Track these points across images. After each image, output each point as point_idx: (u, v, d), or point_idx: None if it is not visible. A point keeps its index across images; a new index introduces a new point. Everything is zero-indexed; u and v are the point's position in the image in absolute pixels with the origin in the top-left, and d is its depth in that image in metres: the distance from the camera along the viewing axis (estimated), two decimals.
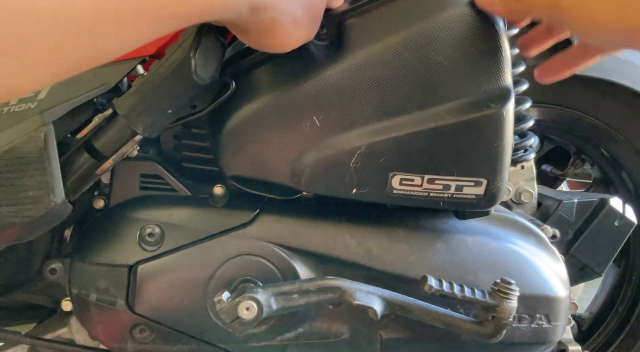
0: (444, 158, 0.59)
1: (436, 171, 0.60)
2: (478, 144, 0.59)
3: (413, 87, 0.57)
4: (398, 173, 0.60)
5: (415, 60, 0.56)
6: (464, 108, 0.57)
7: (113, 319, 0.66)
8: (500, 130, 0.58)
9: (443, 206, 0.62)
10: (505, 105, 0.58)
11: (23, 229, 0.57)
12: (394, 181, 0.60)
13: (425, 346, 0.70)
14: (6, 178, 0.55)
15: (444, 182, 0.60)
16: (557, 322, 0.71)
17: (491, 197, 0.62)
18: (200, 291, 0.65)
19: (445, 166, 0.60)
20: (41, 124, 0.55)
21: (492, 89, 0.57)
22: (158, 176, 0.69)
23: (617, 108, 0.91)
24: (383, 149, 0.58)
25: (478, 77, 0.57)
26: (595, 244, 0.85)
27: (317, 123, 0.58)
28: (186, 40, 0.55)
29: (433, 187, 0.60)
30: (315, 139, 0.59)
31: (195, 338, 0.67)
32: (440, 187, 0.61)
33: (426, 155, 0.59)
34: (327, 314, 0.68)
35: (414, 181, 0.60)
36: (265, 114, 0.58)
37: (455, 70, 0.57)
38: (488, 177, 0.60)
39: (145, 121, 0.57)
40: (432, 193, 0.61)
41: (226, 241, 0.66)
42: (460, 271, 0.68)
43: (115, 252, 0.65)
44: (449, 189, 0.61)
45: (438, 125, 0.57)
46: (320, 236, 0.68)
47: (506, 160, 0.60)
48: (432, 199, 0.62)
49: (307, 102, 0.58)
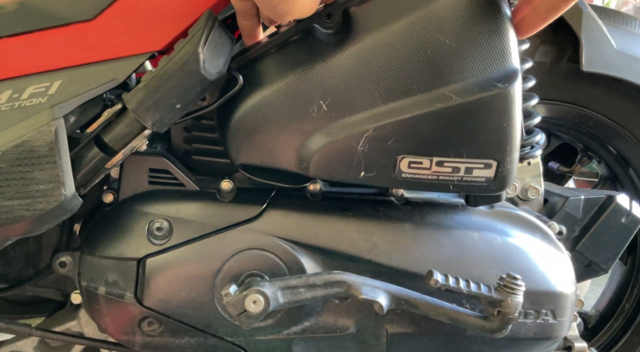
0: (453, 140, 0.59)
1: (445, 153, 0.59)
2: (486, 125, 0.58)
3: (420, 69, 0.57)
4: (406, 156, 0.59)
5: (421, 42, 0.56)
6: (471, 88, 0.57)
7: (122, 311, 0.67)
8: (509, 110, 0.58)
9: (452, 190, 0.62)
10: (513, 84, 0.57)
11: (33, 222, 0.58)
12: (402, 164, 0.60)
13: (431, 340, 0.70)
14: (17, 172, 0.56)
15: (453, 164, 0.60)
16: (563, 318, 0.71)
17: (502, 180, 0.61)
18: (208, 284, 0.66)
19: (454, 148, 0.59)
20: (52, 119, 0.56)
21: (499, 69, 0.57)
22: (166, 170, 0.69)
23: (624, 105, 0.91)
24: (391, 132, 0.58)
25: (484, 57, 0.57)
26: (602, 241, 0.85)
27: (324, 107, 0.58)
28: (194, 35, 0.56)
29: (442, 170, 0.60)
30: (322, 124, 0.59)
31: (203, 331, 0.68)
32: (450, 169, 0.60)
33: (434, 137, 0.59)
34: (333, 309, 0.69)
35: (422, 164, 0.60)
36: (272, 101, 0.59)
37: (461, 51, 0.57)
38: (498, 158, 0.60)
39: (154, 116, 0.58)
40: (441, 176, 0.61)
41: (233, 235, 0.67)
42: (466, 266, 0.68)
43: (124, 246, 0.66)
44: (458, 172, 0.60)
45: (445, 106, 0.57)
46: (327, 230, 0.68)
47: (516, 141, 0.60)
48: (441, 183, 0.61)
49: (314, 88, 0.58)
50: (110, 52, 0.58)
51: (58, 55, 0.58)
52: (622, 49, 0.85)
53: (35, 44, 0.58)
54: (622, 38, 0.86)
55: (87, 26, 0.58)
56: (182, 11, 0.59)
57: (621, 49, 0.85)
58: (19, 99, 0.56)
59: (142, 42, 0.59)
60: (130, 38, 0.58)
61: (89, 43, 0.58)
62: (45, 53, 0.58)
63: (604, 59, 0.85)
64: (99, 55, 0.58)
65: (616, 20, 0.88)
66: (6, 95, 0.56)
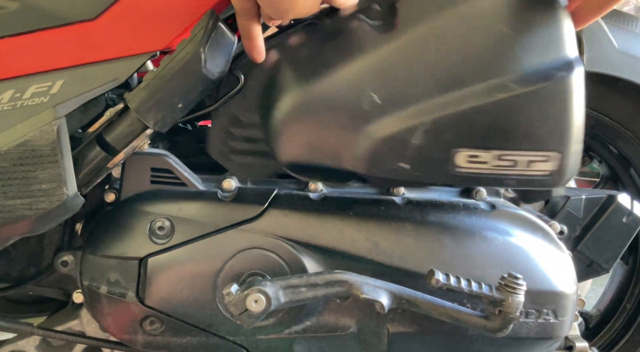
0: (513, 131, 0.56)
1: (505, 146, 0.57)
2: (548, 115, 0.56)
3: (477, 59, 0.55)
4: (463, 149, 0.56)
5: (478, 31, 0.55)
6: (531, 78, 0.55)
7: (123, 311, 0.67)
8: (570, 99, 0.56)
9: (510, 184, 0.59)
10: (573, 73, 0.56)
11: (36, 222, 0.58)
12: (458, 158, 0.57)
13: (432, 340, 0.70)
14: (19, 171, 0.56)
15: (513, 157, 0.57)
16: (564, 318, 0.71)
17: (563, 174, 0.59)
18: (210, 283, 0.66)
19: (515, 140, 0.57)
20: (54, 118, 0.56)
21: (558, 57, 0.56)
22: (168, 170, 0.69)
23: (625, 104, 0.91)
24: (447, 124, 0.56)
25: (542, 46, 0.56)
26: (603, 241, 0.85)
27: (376, 100, 0.56)
28: (196, 35, 0.56)
29: (501, 163, 0.57)
30: (373, 117, 0.56)
31: (204, 330, 0.68)
32: (509, 163, 0.57)
33: (494, 129, 0.56)
34: (335, 308, 0.69)
35: (480, 158, 0.57)
36: (320, 96, 0.57)
37: (519, 40, 0.55)
38: (560, 150, 0.57)
39: (156, 115, 0.58)
40: (500, 170, 0.58)
41: (235, 235, 0.67)
42: (468, 266, 0.68)
43: (125, 245, 0.66)
44: (518, 166, 0.57)
45: (505, 96, 0.55)
46: (328, 230, 0.68)
47: (578, 132, 0.58)
48: (500, 178, 0.58)
49: (364, 80, 0.56)
50: (112, 52, 0.58)
51: (60, 55, 0.58)
52: (624, 49, 0.85)
53: (37, 43, 0.58)
54: (624, 37, 0.86)
55: (89, 26, 0.58)
56: (184, 11, 0.59)
57: (622, 48, 0.85)
58: (21, 99, 0.56)
59: (143, 41, 0.59)
60: (132, 38, 0.58)
61: (90, 43, 0.58)
62: (47, 53, 0.58)
63: (605, 58, 0.85)
64: (100, 54, 0.58)
65: (617, 19, 0.88)
66: (8, 95, 0.57)
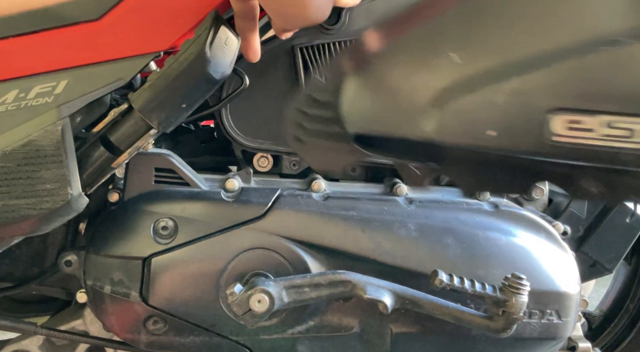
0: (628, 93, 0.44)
1: (616, 111, 0.44)
2: None
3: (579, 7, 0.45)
4: (561, 113, 0.46)
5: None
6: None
7: (127, 310, 0.67)
8: None
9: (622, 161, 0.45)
10: None
11: (40, 222, 0.58)
12: (555, 123, 0.46)
13: (435, 340, 0.70)
14: (24, 171, 0.56)
15: (627, 125, 0.44)
16: (567, 318, 0.71)
17: None
18: (213, 283, 0.66)
19: (630, 104, 0.44)
20: (58, 118, 0.56)
21: None
22: (172, 170, 0.70)
23: None
24: (543, 83, 0.46)
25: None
26: (606, 241, 0.85)
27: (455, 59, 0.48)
28: (200, 35, 0.56)
29: (611, 132, 0.44)
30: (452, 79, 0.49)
31: (208, 330, 0.68)
32: (622, 132, 0.44)
33: (602, 90, 0.45)
34: (338, 308, 0.69)
35: (583, 124, 0.45)
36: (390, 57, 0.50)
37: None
38: None
39: (159, 115, 0.58)
40: (609, 141, 0.44)
41: (238, 235, 0.67)
42: (471, 266, 0.68)
43: (129, 245, 0.66)
44: (636, 137, 0.44)
45: (616, 50, 0.43)
46: (332, 230, 0.68)
47: None
48: (608, 151, 0.45)
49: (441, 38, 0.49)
50: (116, 52, 0.58)
51: (64, 55, 0.58)
52: None
53: (41, 43, 0.58)
54: None
55: (93, 26, 0.58)
56: (188, 11, 0.59)
57: None
58: (25, 99, 0.57)
59: (147, 42, 0.59)
60: (136, 38, 0.58)
61: (94, 43, 0.58)
62: (51, 53, 0.58)
63: None
64: (104, 55, 0.58)
65: None
66: (12, 95, 0.57)
